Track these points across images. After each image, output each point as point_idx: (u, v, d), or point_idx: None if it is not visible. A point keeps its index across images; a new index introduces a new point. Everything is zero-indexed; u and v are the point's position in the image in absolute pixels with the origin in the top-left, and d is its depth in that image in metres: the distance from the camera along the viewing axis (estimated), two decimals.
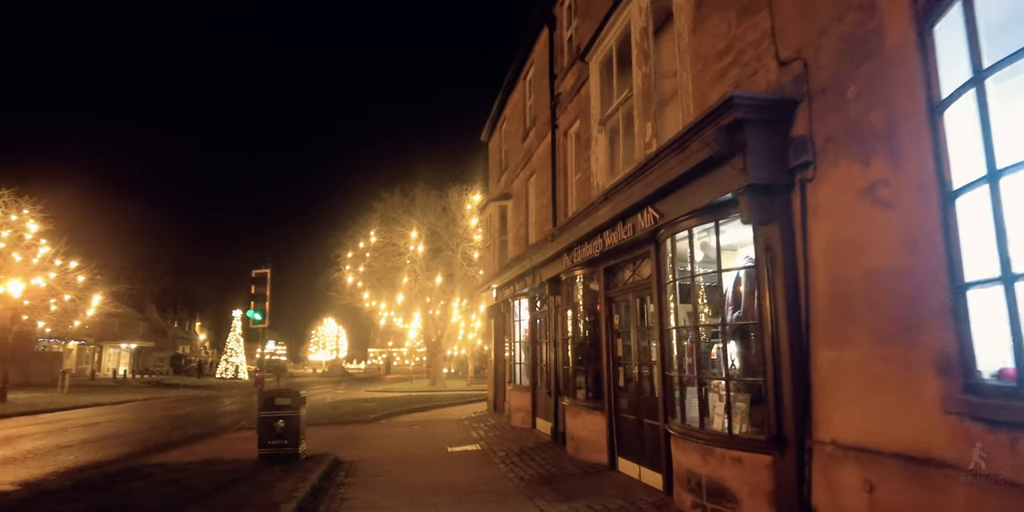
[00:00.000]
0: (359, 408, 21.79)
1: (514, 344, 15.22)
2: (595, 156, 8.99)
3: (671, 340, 7.11)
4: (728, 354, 6.54)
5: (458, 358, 61.82)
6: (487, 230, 17.83)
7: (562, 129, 12.10)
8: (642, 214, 7.18)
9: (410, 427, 15.99)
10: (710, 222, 6.20)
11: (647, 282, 8.03)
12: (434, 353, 39.53)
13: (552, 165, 12.31)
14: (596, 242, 8.78)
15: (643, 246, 7.85)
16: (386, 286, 37.82)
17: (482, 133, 20.63)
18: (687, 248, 6.86)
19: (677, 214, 6.52)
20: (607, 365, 9.13)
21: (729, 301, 6.45)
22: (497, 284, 15.99)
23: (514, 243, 15.96)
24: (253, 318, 15.17)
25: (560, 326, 11.29)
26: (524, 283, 13.36)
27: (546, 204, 13.02)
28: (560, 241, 10.38)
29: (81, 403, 24.36)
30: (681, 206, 6.41)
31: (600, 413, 9.28)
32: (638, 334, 8.33)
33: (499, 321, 17.77)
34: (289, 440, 9.76)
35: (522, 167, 15.37)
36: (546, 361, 12.74)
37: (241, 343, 59.11)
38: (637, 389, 8.29)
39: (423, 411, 21.82)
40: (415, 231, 36.42)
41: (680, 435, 6.62)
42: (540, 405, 13.21)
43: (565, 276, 10.77)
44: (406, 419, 18.89)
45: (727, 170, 5.52)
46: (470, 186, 36.52)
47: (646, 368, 8.18)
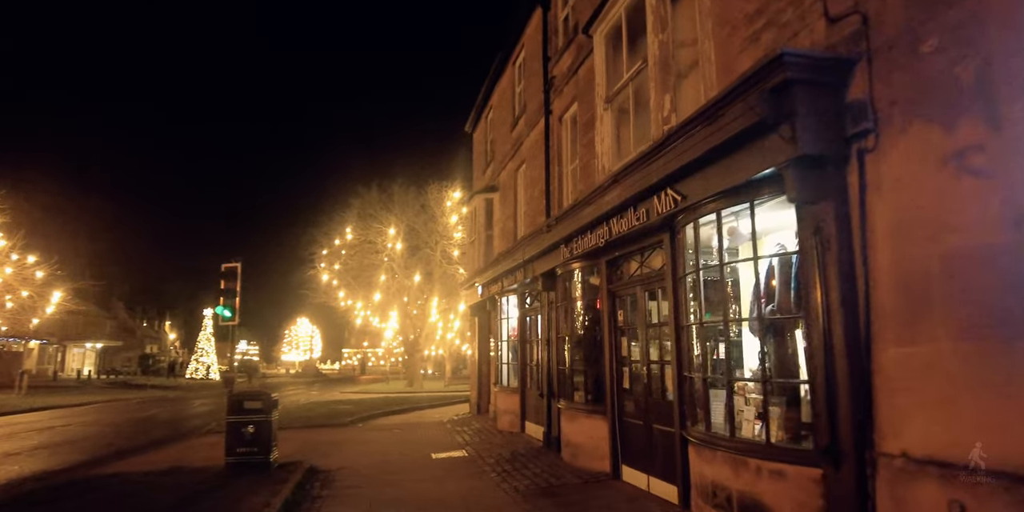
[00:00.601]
0: (334, 410, 20.85)
1: (500, 343, 14.44)
2: (600, 137, 8.25)
3: (690, 338, 6.40)
4: (763, 353, 5.85)
5: (435, 359, 60.82)
6: (472, 224, 17.04)
7: (556, 114, 11.36)
8: (659, 197, 6.45)
9: (389, 431, 15.12)
10: (742, 203, 5.49)
11: (658, 274, 7.31)
12: (412, 353, 38.58)
13: (545, 153, 11.57)
14: (600, 231, 8.04)
15: (655, 234, 7.13)
16: (362, 284, 36.75)
17: (466, 124, 19.81)
18: (711, 234, 6.15)
19: (702, 195, 5.79)
20: (609, 365, 8.40)
21: (761, 293, 5.74)
22: (482, 280, 15.20)
23: (501, 238, 15.18)
24: (222, 315, 14.17)
25: (555, 323, 10.55)
26: (513, 278, 12.59)
27: (537, 195, 12.27)
28: (557, 232, 9.63)
29: (38, 405, 23.03)
30: (708, 186, 5.69)
31: (601, 417, 8.55)
32: (647, 331, 7.61)
33: (484, 319, 16.97)
34: (259, 447, 8.88)
35: (510, 157, 14.61)
36: (537, 361, 11.99)
37: (212, 342, 57.59)
38: (645, 391, 7.57)
39: (402, 413, 20.95)
40: (393, 228, 35.47)
41: (702, 443, 5.90)
42: (530, 408, 12.45)
43: (561, 270, 10.02)
44: (384, 422, 18.02)
45: (769, 141, 4.81)
46: (450, 183, 35.70)
47: (656, 368, 7.46)
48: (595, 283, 9.18)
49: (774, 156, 4.77)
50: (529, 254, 11.03)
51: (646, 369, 7.55)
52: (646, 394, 7.55)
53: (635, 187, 6.82)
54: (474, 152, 19.69)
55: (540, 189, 12.01)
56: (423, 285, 36.73)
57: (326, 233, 36.79)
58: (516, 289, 13.10)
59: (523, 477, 8.60)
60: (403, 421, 18.15)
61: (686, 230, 6.39)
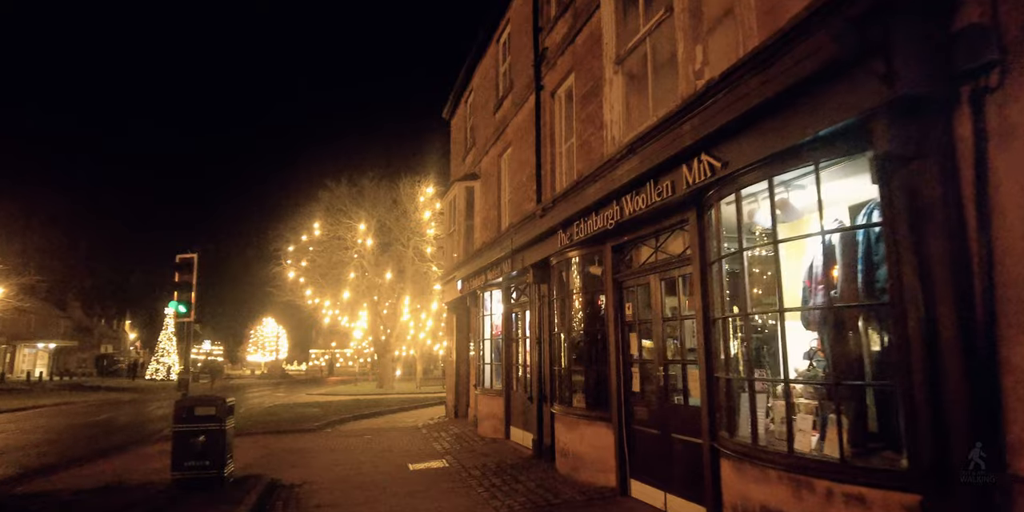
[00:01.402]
0: (301, 414, 19.56)
1: (482, 342, 13.36)
2: (608, 105, 7.24)
3: (723, 333, 5.41)
4: (821, 349, 4.88)
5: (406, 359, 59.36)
6: (450, 215, 15.94)
7: (549, 89, 10.33)
8: (689, 166, 5.45)
9: (360, 437, 13.94)
10: (801, 167, 4.51)
11: (679, 260, 6.32)
12: (382, 354, 37.23)
13: (536, 133, 10.53)
14: (608, 212, 7.02)
15: (677, 213, 6.14)
16: (331, 282, 35.24)
17: (443, 109, 18.67)
18: (753, 209, 5.18)
19: (749, 160, 4.80)
20: (616, 365, 7.39)
21: (818, 278, 4.78)
22: (462, 274, 14.11)
23: (483, 228, 14.12)
24: (177, 310, 12.85)
25: (548, 319, 9.51)
26: (498, 271, 11.53)
27: (525, 180, 11.23)
28: (553, 216, 8.61)
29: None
30: (756, 148, 4.70)
31: (605, 424, 7.54)
32: (663, 327, 6.61)
33: (463, 316, 15.87)
34: (212, 460, 7.68)
35: (493, 142, 13.54)
36: (525, 361, 10.94)
37: (174, 342, 55.42)
38: (661, 395, 6.58)
39: (373, 417, 19.72)
40: (363, 223, 34.09)
41: (742, 457, 4.92)
42: (516, 412, 11.40)
43: (557, 259, 8.99)
44: (354, 427, 16.81)
45: (850, 84, 3.84)
46: (424, 177, 34.48)
47: (676, 369, 6.48)
48: (596, 273, 8.17)
49: (858, 101, 3.79)
50: (518, 242, 9.99)
51: (662, 370, 6.55)
52: (662, 398, 6.56)
53: (657, 156, 5.82)
54: (452, 139, 18.56)
55: (529, 173, 10.97)
56: (394, 283, 35.41)
57: (293, 228, 35.29)
58: (501, 283, 12.05)
59: (515, 493, 7.54)
60: (374, 426, 16.96)
61: (719, 205, 5.41)
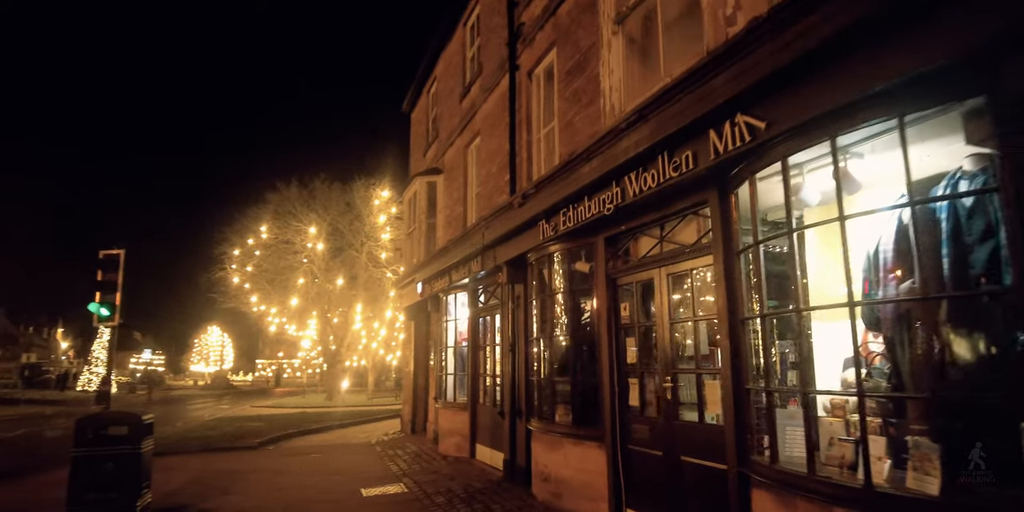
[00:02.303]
0: (243, 428, 17.94)
1: (444, 350, 12.19)
2: (607, 69, 6.24)
3: (757, 335, 4.43)
4: (887, 353, 3.93)
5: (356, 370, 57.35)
6: (410, 213, 14.76)
7: (525, 69, 9.32)
8: (719, 130, 4.46)
9: (307, 456, 12.57)
10: (876, 122, 3.55)
11: (693, 250, 5.35)
12: (332, 364, 35.49)
13: (510, 118, 9.50)
14: (606, 195, 6.01)
15: (690, 195, 5.17)
16: (278, 289, 33.39)
17: (403, 102, 17.50)
18: (799, 184, 4.22)
19: (803, 117, 3.83)
20: (609, 376, 6.36)
21: (887, 264, 3.84)
22: (423, 276, 12.93)
23: (446, 226, 12.99)
24: (98, 313, 11.34)
25: (524, 324, 8.44)
26: (465, 270, 10.42)
27: (496, 171, 10.17)
28: (534, 205, 7.56)
29: None
30: (815, 101, 3.73)
31: (596, 444, 6.48)
32: (670, 330, 5.61)
33: (422, 323, 14.66)
34: (122, 491, 6.32)
35: (459, 132, 12.47)
36: (496, 371, 9.83)
37: None
38: (667, 411, 5.56)
39: (321, 432, 18.21)
40: (314, 227, 32.50)
41: (787, 488, 3.92)
42: (483, 428, 10.25)
43: (536, 255, 7.94)
44: (301, 443, 15.35)
45: (956, 12, 2.91)
46: (379, 180, 33.16)
47: (688, 380, 5.48)
48: (583, 270, 7.15)
49: (985, 26, 2.85)
50: (490, 238, 8.90)
51: (669, 381, 5.54)
52: (669, 414, 5.54)
53: (675, 122, 4.83)
54: (412, 134, 17.40)
55: (501, 163, 9.92)
56: (346, 290, 33.83)
57: (239, 231, 33.43)
58: (467, 284, 10.93)
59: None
60: (323, 442, 15.54)
61: (752, 181, 4.44)
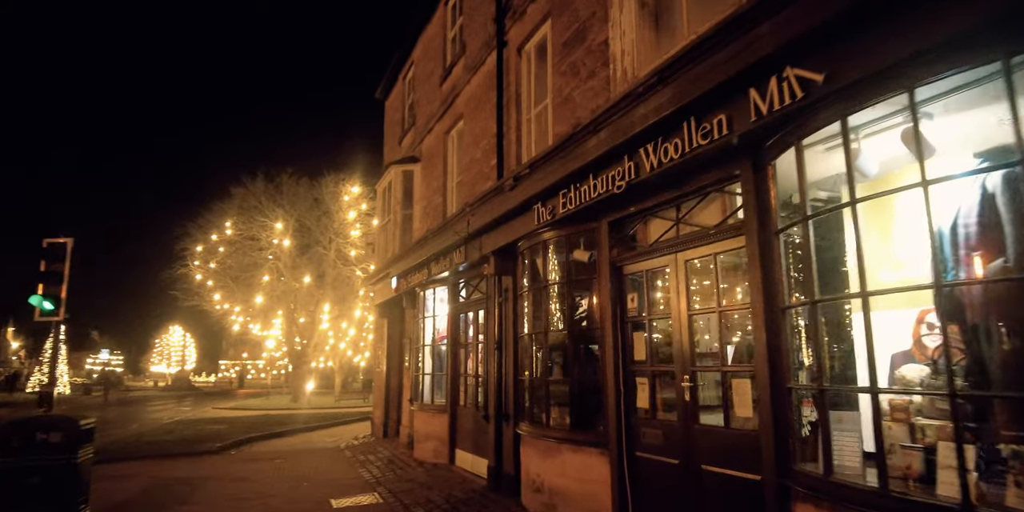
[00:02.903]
0: (203, 432, 16.93)
1: (421, 349, 11.42)
2: (618, 30, 5.58)
3: (812, 325, 3.81)
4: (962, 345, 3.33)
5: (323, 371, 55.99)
6: (384, 204, 13.96)
7: (515, 45, 8.64)
8: (762, 88, 3.82)
9: (271, 461, 11.71)
10: (972, 66, 2.94)
11: (717, 232, 4.72)
12: (298, 365, 34.33)
13: (497, 98, 8.80)
14: (615, 171, 5.34)
15: (714, 169, 4.54)
16: (242, 286, 32.13)
17: (376, 89, 16.67)
18: (857, 148, 3.61)
19: (872, 68, 3.20)
20: (614, 374, 5.70)
21: (970, 241, 3.24)
22: (399, 270, 12.15)
23: (424, 217, 12.23)
24: (40, 306, 10.33)
25: (513, 319, 7.74)
26: (446, 262, 9.68)
27: (481, 156, 9.47)
28: (527, 187, 6.87)
29: None
30: (891, 45, 3.11)
31: (598, 451, 5.82)
32: (688, 323, 4.97)
33: (396, 320, 13.87)
34: (52, 509, 5.47)
35: (438, 117, 11.73)
36: (479, 371, 9.11)
37: (63, 351, 50.32)
38: (685, 413, 4.92)
39: (286, 436, 17.28)
40: (281, 223, 31.37)
41: (847, 505, 3.29)
42: (464, 432, 9.52)
43: (528, 242, 7.25)
44: (264, 448, 14.44)
45: None
46: (348, 175, 32.16)
47: (710, 378, 4.85)
48: (582, 259, 6.48)
49: None
50: (476, 225, 8.19)
51: (688, 380, 4.90)
52: (687, 417, 4.90)
53: (706, 81, 4.19)
54: (386, 122, 16.57)
55: (487, 146, 9.22)
56: (313, 288, 32.71)
57: (202, 227, 32.13)
58: (447, 278, 10.20)
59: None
60: (289, 446, 14.64)
61: (800, 146, 3.81)
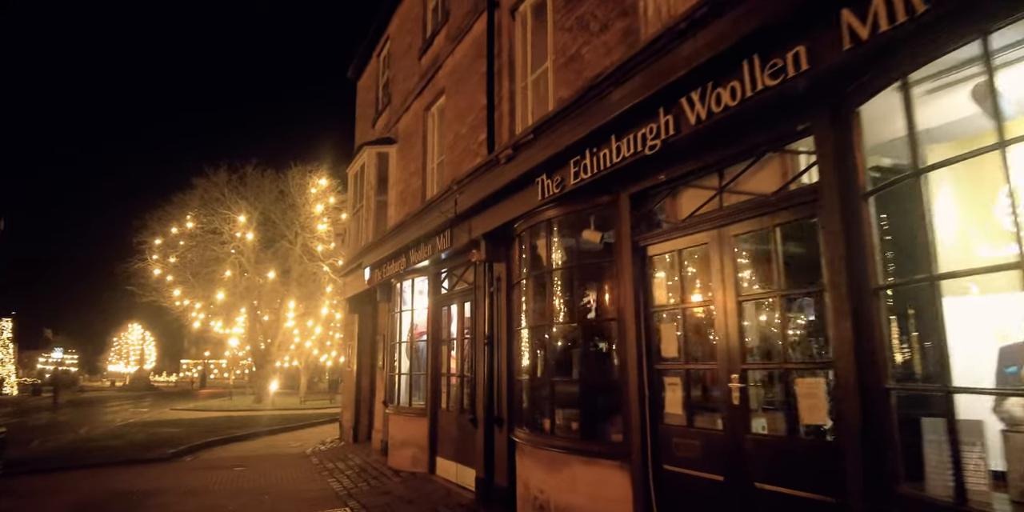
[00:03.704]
0: (156, 435, 15.68)
1: (397, 346, 10.43)
2: None
3: (929, 306, 2.98)
4: None
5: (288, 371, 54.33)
6: (356, 189, 12.92)
7: (508, 5, 7.72)
8: (861, 8, 2.96)
9: (230, 470, 10.62)
10: None
11: (778, 200, 3.87)
12: (262, 364, 32.89)
13: (488, 66, 7.87)
14: (648, 128, 4.44)
15: (777, 120, 3.70)
16: (203, 282, 30.61)
17: (348, 69, 15.59)
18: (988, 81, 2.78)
19: None
20: (637, 373, 4.82)
21: None
22: (372, 260, 11.13)
23: (400, 203, 11.24)
24: None
25: (508, 310, 6.83)
26: (426, 250, 8.73)
27: (468, 132, 8.54)
28: (529, 157, 5.95)
29: None
30: None
31: (616, 463, 4.94)
32: (734, 311, 4.12)
33: (368, 315, 12.84)
34: None
35: (417, 94, 10.75)
36: (464, 370, 8.18)
37: (11, 350, 47.97)
38: (733, 420, 4.06)
39: (248, 439, 16.10)
40: (244, 215, 29.97)
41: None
42: (447, 439, 8.57)
43: (528, 223, 6.34)
44: (224, 453, 13.28)
45: None
46: (315, 167, 30.89)
47: (762, 377, 4.01)
48: (593, 240, 5.61)
49: None
50: (465, 205, 7.24)
51: (737, 380, 4.05)
52: (734, 425, 4.04)
53: (774, 8, 3.33)
54: (358, 103, 15.49)
55: (475, 121, 8.29)
56: (278, 285, 31.34)
57: (161, 219, 30.54)
58: (427, 267, 9.24)
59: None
60: (250, 452, 13.50)
61: (907, 82, 2.97)
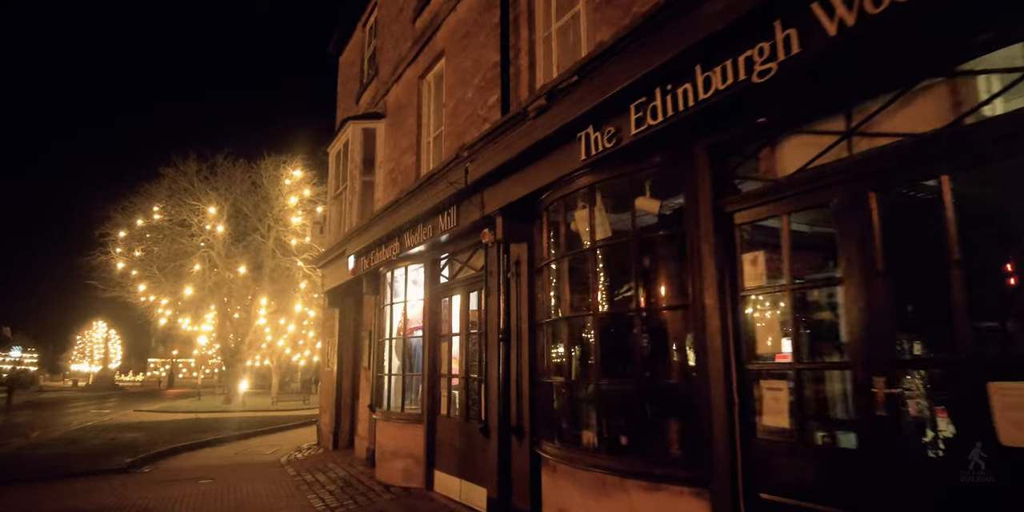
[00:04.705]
0: (115, 441, 14.24)
1: (385, 343, 9.23)
2: None
3: None
4: None
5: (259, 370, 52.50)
6: (339, 170, 11.67)
7: None
8: None
9: (195, 483, 9.34)
10: None
11: (954, 136, 2.80)
12: (232, 363, 31.31)
13: (501, 16, 6.70)
14: (759, 47, 3.34)
15: (952, 28, 2.62)
16: (170, 277, 28.95)
17: (329, 43, 14.32)
18: None
19: None
20: (723, 375, 3.72)
21: None
22: (358, 247, 9.90)
23: (389, 183, 10.04)
24: None
25: (530, 299, 5.69)
26: (425, 232, 7.55)
27: (474, 95, 7.38)
28: (569, 106, 4.80)
29: None
30: None
31: (695, 491, 3.84)
32: (883, 289, 3.04)
33: (351, 309, 11.60)
34: None
35: (410, 60, 9.57)
36: (469, 370, 7.02)
37: None
38: (875, 437, 2.98)
39: (217, 445, 14.70)
40: (214, 207, 28.44)
41: None
42: (447, 450, 7.39)
43: (559, 192, 5.21)
44: (189, 462, 11.93)
45: None
46: (290, 158, 29.48)
47: (930, 376, 2.93)
48: (651, 209, 4.50)
49: None
50: (478, 174, 6.08)
51: (883, 382, 2.96)
52: (877, 443, 2.96)
53: None
54: (340, 79, 14.21)
55: (482, 82, 7.14)
56: (249, 281, 29.81)
57: (125, 209, 28.85)
58: (423, 253, 8.06)
59: None
60: (219, 460, 12.17)
61: None
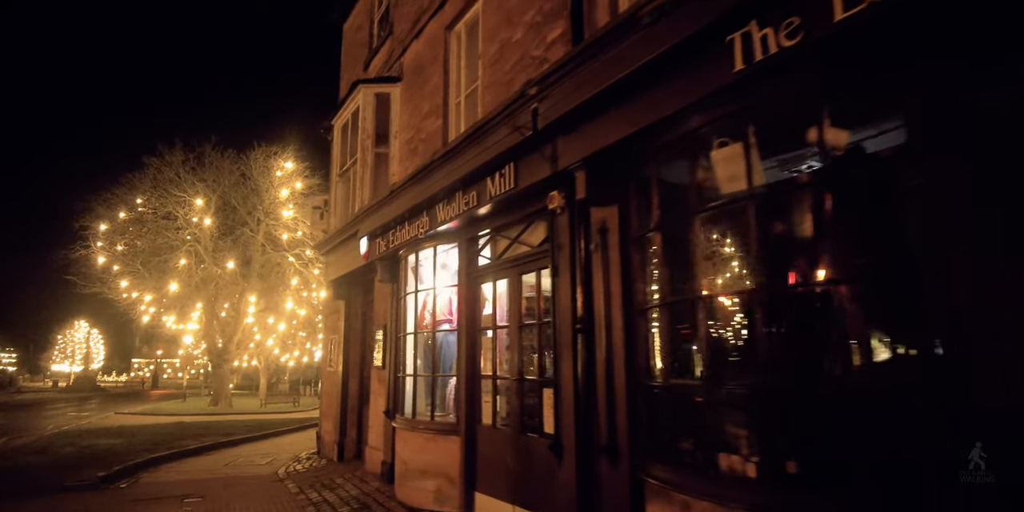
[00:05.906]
0: (91, 448, 12.72)
1: (405, 338, 7.83)
2: None
3: None
4: None
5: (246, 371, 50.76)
6: (346, 142, 10.25)
7: None
8: None
9: (179, 502, 7.90)
10: None
11: None
12: (219, 364, 29.74)
13: None
14: None
15: None
16: (154, 273, 27.32)
17: (333, 11, 12.89)
18: None
19: None
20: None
21: None
22: (372, 227, 8.47)
23: (408, 154, 8.63)
24: None
25: (623, 278, 4.33)
26: (464, 201, 6.15)
27: (526, 33, 5.98)
28: None
29: None
30: None
31: None
32: None
33: (358, 300, 10.17)
34: None
35: (434, 11, 8.16)
36: (528, 370, 5.64)
37: None
38: None
39: (204, 453, 13.18)
40: (201, 199, 26.91)
41: None
42: (495, 469, 5.99)
43: (679, 130, 3.85)
44: (172, 475, 10.43)
45: None
46: (281, 148, 28.03)
47: None
48: (839, 142, 3.15)
49: None
50: (554, 115, 4.70)
51: None
52: None
53: None
54: (344, 48, 12.74)
55: (537, 15, 5.77)
56: (238, 277, 28.23)
57: (107, 201, 27.24)
58: (458, 231, 6.67)
59: None
60: (207, 471, 10.68)
61: None
